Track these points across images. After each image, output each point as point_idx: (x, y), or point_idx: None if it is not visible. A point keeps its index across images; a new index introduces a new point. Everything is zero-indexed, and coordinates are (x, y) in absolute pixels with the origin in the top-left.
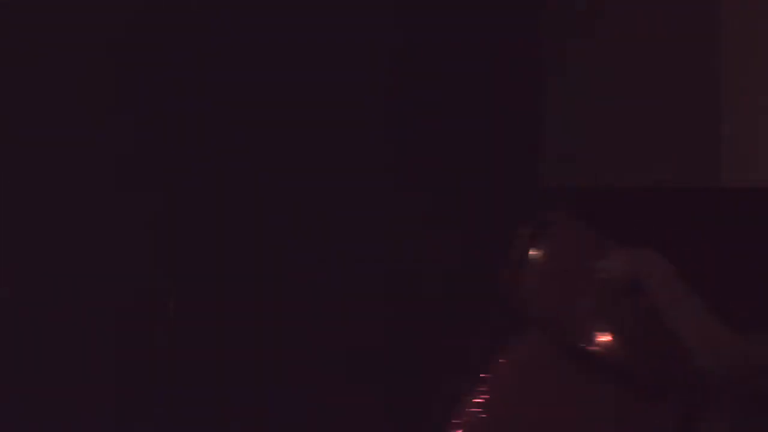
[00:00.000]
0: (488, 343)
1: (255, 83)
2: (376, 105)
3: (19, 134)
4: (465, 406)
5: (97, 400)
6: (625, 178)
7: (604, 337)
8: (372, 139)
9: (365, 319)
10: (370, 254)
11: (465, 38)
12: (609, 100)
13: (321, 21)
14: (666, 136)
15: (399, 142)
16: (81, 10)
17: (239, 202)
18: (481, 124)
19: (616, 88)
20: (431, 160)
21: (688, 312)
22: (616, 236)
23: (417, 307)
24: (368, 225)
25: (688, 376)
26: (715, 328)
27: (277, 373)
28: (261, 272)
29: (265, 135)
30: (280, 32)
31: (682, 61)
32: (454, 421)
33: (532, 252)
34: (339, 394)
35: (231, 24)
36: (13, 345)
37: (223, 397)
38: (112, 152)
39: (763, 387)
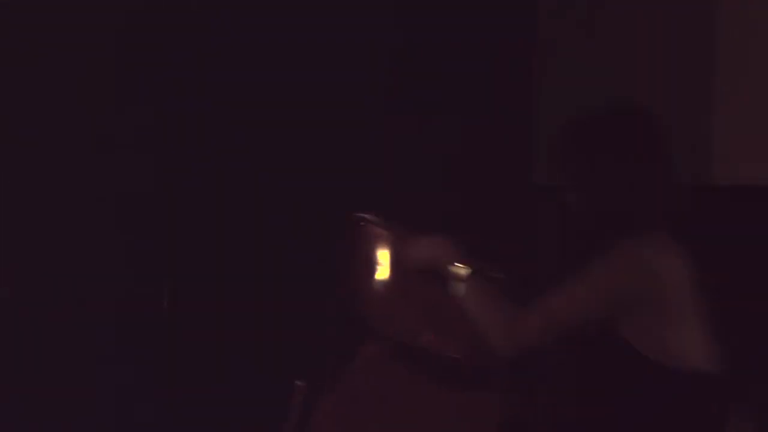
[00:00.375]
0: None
1: (255, 83)
2: (376, 105)
3: (19, 134)
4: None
5: (97, 400)
6: None
7: (419, 326)
8: (372, 139)
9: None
10: None
11: (465, 38)
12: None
13: (321, 21)
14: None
15: (399, 142)
16: (81, 10)
17: (239, 202)
18: (479, 124)
19: (611, 87)
20: (430, 159)
21: (472, 295)
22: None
23: None
24: None
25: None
26: (496, 308)
27: (277, 373)
28: (261, 272)
29: (265, 135)
30: (280, 32)
31: (676, 60)
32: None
33: (350, 252)
34: None
35: (231, 24)
36: (13, 345)
37: (223, 396)
38: (112, 152)
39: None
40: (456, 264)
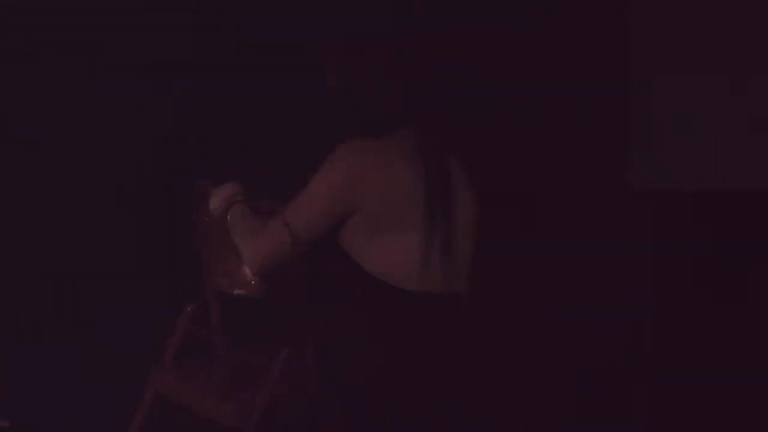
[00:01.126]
0: None
1: (255, 83)
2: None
3: (19, 134)
4: None
5: (98, 400)
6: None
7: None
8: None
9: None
10: None
11: None
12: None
13: (321, 21)
14: None
15: None
16: (81, 10)
17: None
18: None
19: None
20: None
21: (231, 221)
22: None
23: None
24: None
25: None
26: (248, 229)
27: None
28: None
29: (265, 135)
30: (280, 32)
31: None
32: None
33: (195, 217)
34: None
35: (231, 24)
36: (13, 344)
37: None
38: (112, 152)
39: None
40: (230, 204)
